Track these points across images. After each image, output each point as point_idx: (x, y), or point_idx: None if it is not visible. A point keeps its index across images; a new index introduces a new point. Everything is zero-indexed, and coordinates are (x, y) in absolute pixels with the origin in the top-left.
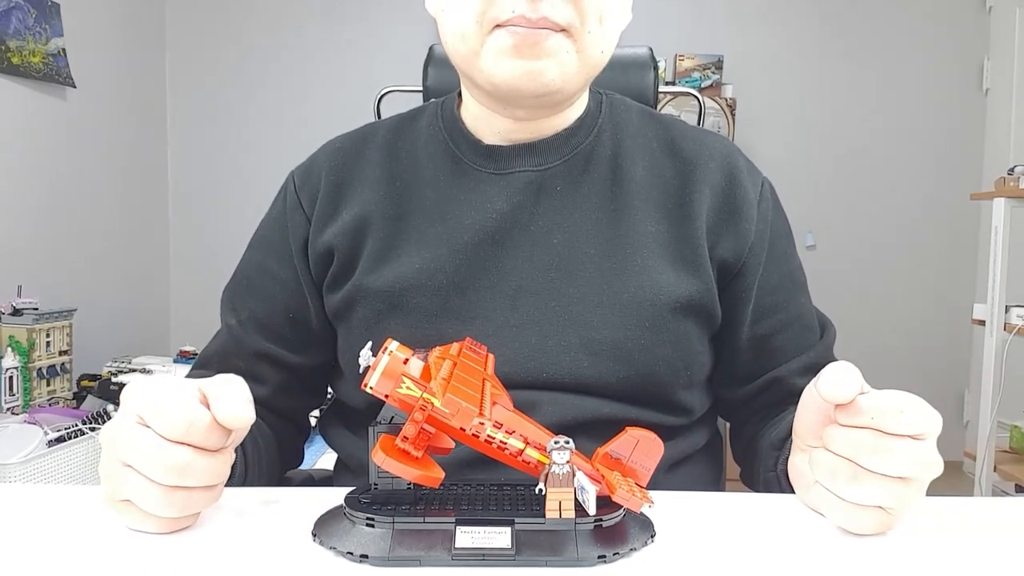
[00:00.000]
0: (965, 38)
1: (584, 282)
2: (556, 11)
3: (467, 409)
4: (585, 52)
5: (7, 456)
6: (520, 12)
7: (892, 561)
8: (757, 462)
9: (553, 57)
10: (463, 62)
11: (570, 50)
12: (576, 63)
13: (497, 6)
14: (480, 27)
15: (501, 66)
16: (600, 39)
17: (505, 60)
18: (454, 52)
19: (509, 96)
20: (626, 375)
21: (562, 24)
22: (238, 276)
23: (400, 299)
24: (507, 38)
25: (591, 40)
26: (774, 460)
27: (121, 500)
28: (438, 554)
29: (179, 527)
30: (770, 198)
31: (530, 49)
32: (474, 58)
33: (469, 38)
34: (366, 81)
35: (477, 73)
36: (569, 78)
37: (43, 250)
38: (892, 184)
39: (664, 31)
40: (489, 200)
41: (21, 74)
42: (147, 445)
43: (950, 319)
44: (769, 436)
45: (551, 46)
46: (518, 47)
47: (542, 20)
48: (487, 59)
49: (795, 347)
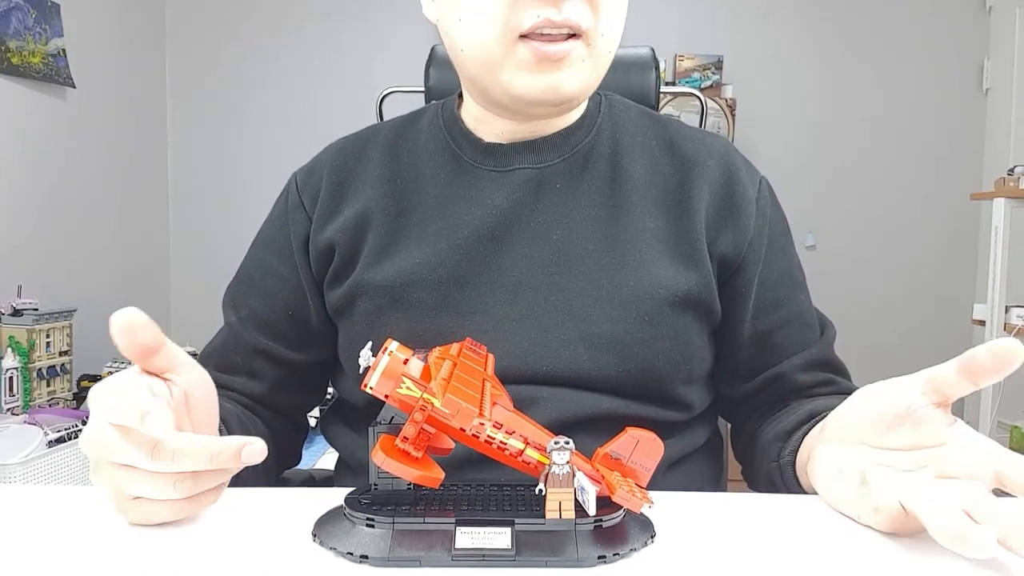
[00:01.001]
0: (965, 38)
1: (583, 276)
2: (578, 12)
3: (467, 409)
4: (598, 56)
5: (7, 456)
6: (546, 16)
7: (893, 561)
8: (758, 454)
9: (571, 67)
10: (481, 71)
11: (585, 57)
12: (591, 69)
13: (520, 13)
14: (504, 37)
15: (524, 80)
16: (611, 38)
17: (528, 75)
18: (472, 61)
19: (529, 107)
20: (625, 369)
21: (584, 27)
22: (240, 274)
23: (400, 294)
24: (529, 53)
25: (604, 42)
26: (776, 451)
27: (133, 499)
28: (438, 554)
29: (201, 506)
30: (768, 195)
31: (552, 64)
32: (495, 70)
33: (491, 49)
34: (368, 82)
35: (495, 84)
36: (585, 86)
37: (43, 250)
38: (892, 184)
39: (664, 31)
40: (489, 196)
41: (21, 74)
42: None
43: (950, 319)
44: (773, 429)
45: (570, 59)
46: (540, 62)
47: (567, 22)
48: (508, 72)
49: (796, 344)
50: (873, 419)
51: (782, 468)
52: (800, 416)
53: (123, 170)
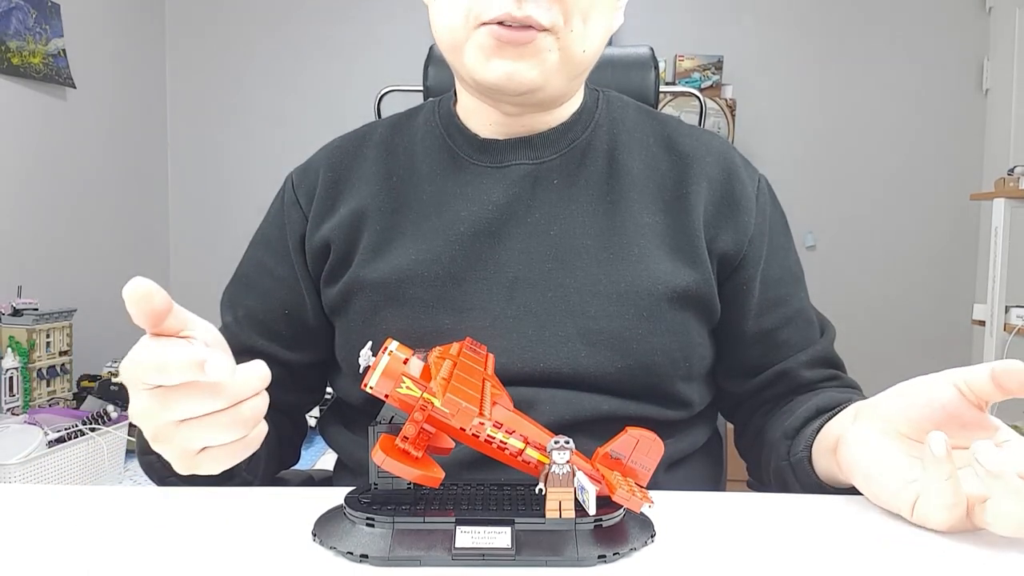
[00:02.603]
0: (965, 38)
1: (581, 272)
2: (541, 11)
3: (467, 409)
4: (567, 51)
5: (7, 456)
6: (506, 11)
7: (893, 561)
8: (766, 452)
9: (534, 57)
10: (449, 55)
11: (552, 48)
12: (557, 61)
13: (483, 3)
14: (467, 22)
15: (483, 64)
16: (583, 39)
17: (487, 59)
18: (441, 44)
19: (491, 93)
20: (624, 365)
21: (546, 24)
22: (237, 275)
23: (397, 291)
24: (489, 37)
25: (574, 39)
26: (787, 449)
27: (198, 452)
28: (438, 554)
29: (262, 435)
30: (768, 193)
31: (512, 49)
32: (459, 53)
33: (456, 32)
34: (366, 81)
35: (461, 67)
36: (549, 77)
37: (43, 250)
38: (892, 184)
39: (664, 31)
40: (485, 192)
41: (21, 74)
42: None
43: (950, 319)
44: (781, 426)
45: (533, 46)
46: (500, 47)
47: (527, 19)
48: (470, 56)
49: (800, 340)
50: (916, 415)
51: (794, 465)
52: (807, 411)
53: (123, 170)
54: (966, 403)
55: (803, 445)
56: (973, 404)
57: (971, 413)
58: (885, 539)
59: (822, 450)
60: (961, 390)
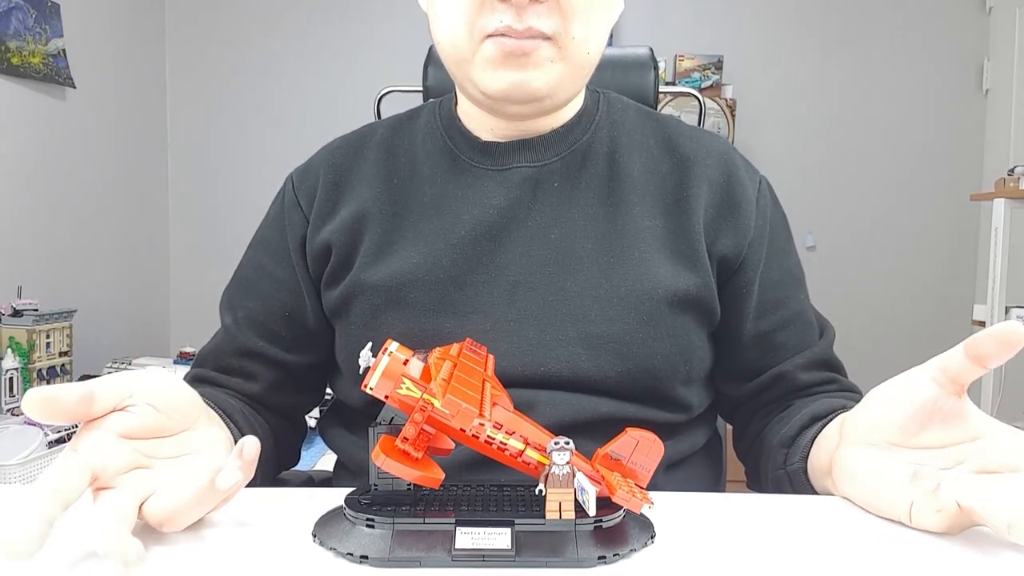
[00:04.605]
0: (965, 38)
1: (582, 276)
2: (542, 21)
3: (467, 410)
4: (571, 58)
5: (7, 457)
6: (507, 23)
7: (894, 561)
8: (764, 460)
9: (540, 68)
10: (455, 68)
11: (555, 59)
12: (562, 70)
13: (485, 17)
14: (471, 36)
15: (491, 76)
16: (585, 42)
17: (494, 71)
18: (445, 56)
19: (499, 104)
20: (624, 369)
21: (548, 33)
22: (236, 276)
23: (397, 294)
24: (495, 49)
25: (576, 45)
26: (783, 458)
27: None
28: (438, 555)
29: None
30: (768, 195)
31: (517, 59)
32: (466, 66)
33: (460, 47)
34: (366, 81)
35: (467, 80)
36: (556, 86)
37: (43, 250)
38: (892, 184)
39: (664, 31)
40: (486, 196)
41: (21, 74)
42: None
43: (950, 319)
44: (778, 433)
45: (537, 57)
46: (506, 58)
47: (528, 30)
48: (477, 69)
49: (798, 343)
50: (903, 421)
51: (790, 475)
52: (802, 420)
53: (123, 170)
54: (945, 394)
55: (799, 455)
56: (952, 393)
57: (950, 403)
58: (885, 539)
59: (818, 471)
60: (939, 381)
